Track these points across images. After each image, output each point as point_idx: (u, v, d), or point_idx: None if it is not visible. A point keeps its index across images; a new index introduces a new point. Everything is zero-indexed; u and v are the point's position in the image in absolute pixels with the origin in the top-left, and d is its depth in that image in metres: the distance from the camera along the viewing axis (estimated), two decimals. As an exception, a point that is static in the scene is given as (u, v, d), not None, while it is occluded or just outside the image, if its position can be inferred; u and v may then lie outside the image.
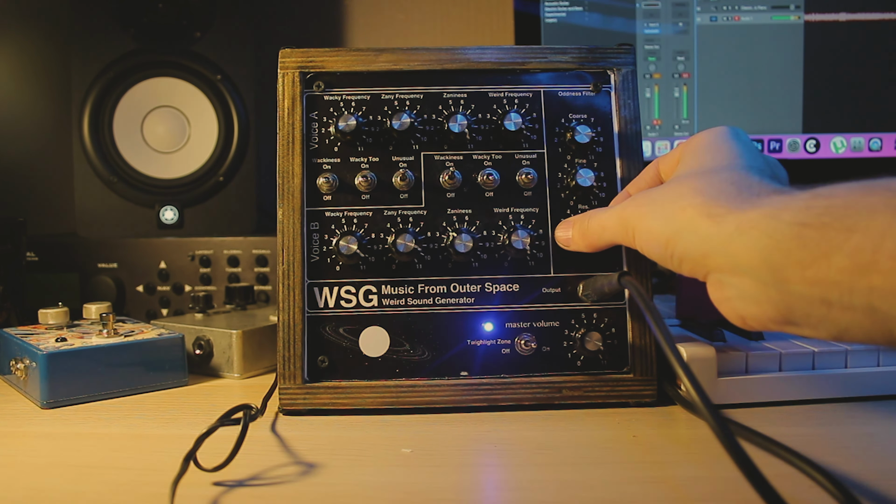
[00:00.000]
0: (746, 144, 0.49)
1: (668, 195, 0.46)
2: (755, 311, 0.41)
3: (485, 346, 0.56)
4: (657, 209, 0.46)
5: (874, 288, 0.34)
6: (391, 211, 0.58)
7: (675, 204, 0.45)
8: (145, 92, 0.90)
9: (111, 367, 0.61)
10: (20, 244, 0.78)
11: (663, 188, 0.47)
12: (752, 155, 0.47)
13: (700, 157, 0.48)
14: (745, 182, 0.43)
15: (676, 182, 0.47)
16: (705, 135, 0.50)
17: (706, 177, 0.45)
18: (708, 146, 0.49)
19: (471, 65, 0.59)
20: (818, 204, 0.37)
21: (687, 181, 0.46)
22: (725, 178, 0.44)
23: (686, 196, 0.44)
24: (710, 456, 0.46)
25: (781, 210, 0.39)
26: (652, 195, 0.48)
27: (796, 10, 0.86)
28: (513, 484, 0.43)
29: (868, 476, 0.42)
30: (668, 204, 0.45)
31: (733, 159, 0.46)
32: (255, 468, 0.45)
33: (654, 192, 0.48)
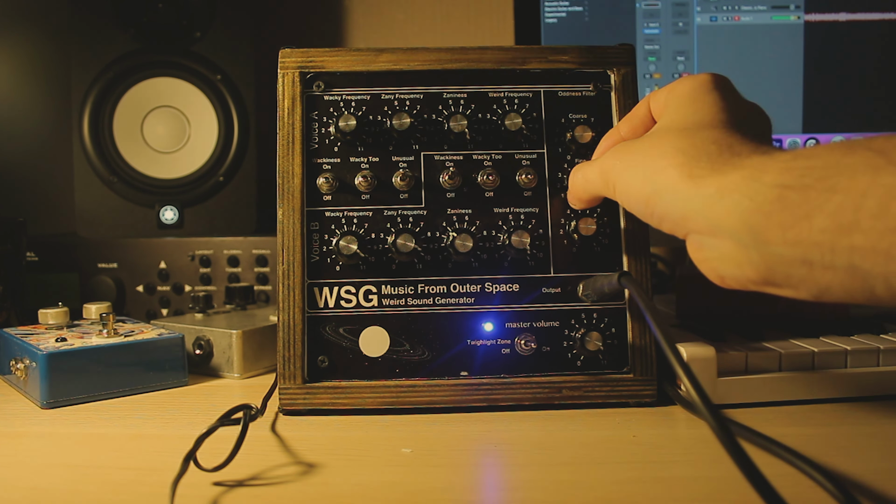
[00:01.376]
0: (731, 95, 0.48)
1: (650, 152, 0.45)
2: (735, 273, 0.41)
3: (485, 346, 0.56)
4: (638, 165, 0.46)
5: (855, 247, 0.34)
6: (391, 211, 0.58)
7: (656, 163, 0.44)
8: (145, 92, 0.90)
9: (111, 367, 0.61)
10: (20, 244, 0.78)
11: (644, 142, 0.47)
12: (735, 108, 0.47)
13: (684, 108, 0.48)
14: (726, 141, 0.43)
15: (658, 137, 0.46)
16: (691, 83, 0.49)
17: (688, 134, 0.45)
18: (692, 97, 0.48)
19: (471, 65, 0.59)
20: (799, 165, 0.37)
21: (668, 138, 0.45)
22: (707, 137, 0.44)
23: (667, 155, 0.44)
24: (710, 456, 0.46)
25: (762, 172, 0.39)
26: (633, 148, 0.47)
27: (796, 10, 0.86)
28: (513, 484, 0.43)
29: (868, 476, 0.42)
30: (649, 162, 0.45)
31: (717, 114, 0.46)
32: (255, 468, 0.45)
33: (635, 144, 0.48)
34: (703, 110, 0.47)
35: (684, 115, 0.47)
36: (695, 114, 0.47)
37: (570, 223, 0.57)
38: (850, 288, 0.36)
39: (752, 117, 0.48)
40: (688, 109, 0.47)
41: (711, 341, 0.59)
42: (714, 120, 0.46)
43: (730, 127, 0.45)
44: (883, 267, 0.34)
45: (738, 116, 0.46)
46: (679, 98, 0.49)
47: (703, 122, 0.46)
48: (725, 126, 0.45)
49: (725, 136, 0.44)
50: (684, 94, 0.49)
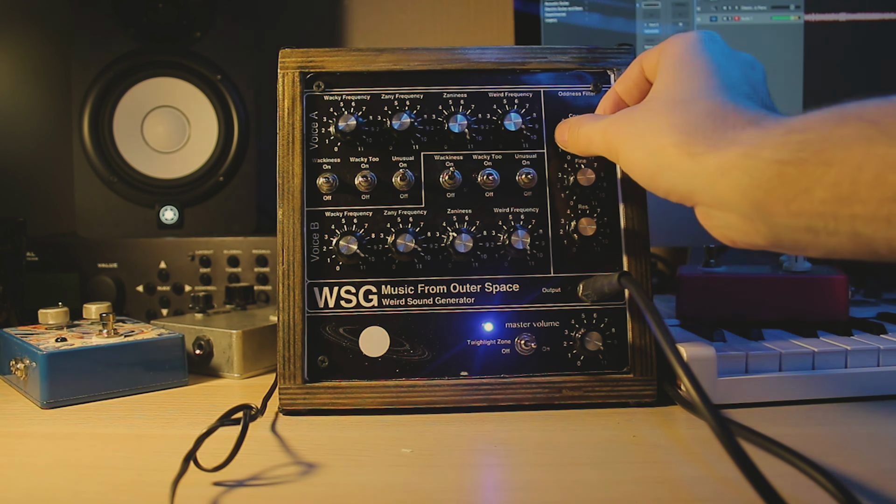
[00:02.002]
0: (720, 53, 0.48)
1: (650, 127, 0.47)
2: (745, 239, 0.44)
3: (485, 346, 0.56)
4: (639, 140, 0.47)
5: (857, 216, 0.35)
6: (391, 211, 0.58)
7: (656, 140, 0.46)
8: (145, 92, 0.90)
9: (111, 367, 0.61)
10: (20, 244, 0.78)
11: (643, 114, 0.48)
12: (726, 67, 0.47)
13: (676, 74, 0.48)
14: (720, 113, 0.44)
15: (655, 112, 0.47)
16: (680, 43, 0.49)
17: (683, 108, 0.46)
18: (683, 60, 0.48)
19: (471, 65, 0.59)
20: (794, 139, 0.38)
21: (665, 113, 0.46)
22: (702, 111, 0.45)
23: (665, 132, 0.45)
24: (710, 456, 0.46)
25: (759, 148, 0.39)
26: (634, 118, 0.49)
27: (796, 10, 0.86)
28: (513, 484, 0.43)
29: (868, 476, 0.42)
30: (650, 138, 0.46)
31: (708, 79, 0.46)
32: (255, 468, 0.45)
33: (635, 115, 0.49)
34: (695, 76, 0.47)
35: (677, 82, 0.48)
36: (686, 80, 0.47)
37: (570, 223, 0.57)
38: (855, 250, 0.37)
39: (744, 73, 0.48)
40: (679, 74, 0.48)
41: (711, 341, 0.59)
42: (706, 86, 0.46)
43: (723, 93, 0.45)
44: (885, 232, 0.35)
45: (730, 78, 0.47)
46: (670, 60, 0.49)
47: (696, 92, 0.46)
48: (718, 93, 0.45)
49: (719, 106, 0.44)
50: (675, 57, 0.49)
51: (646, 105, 0.49)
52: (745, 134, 0.41)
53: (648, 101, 0.49)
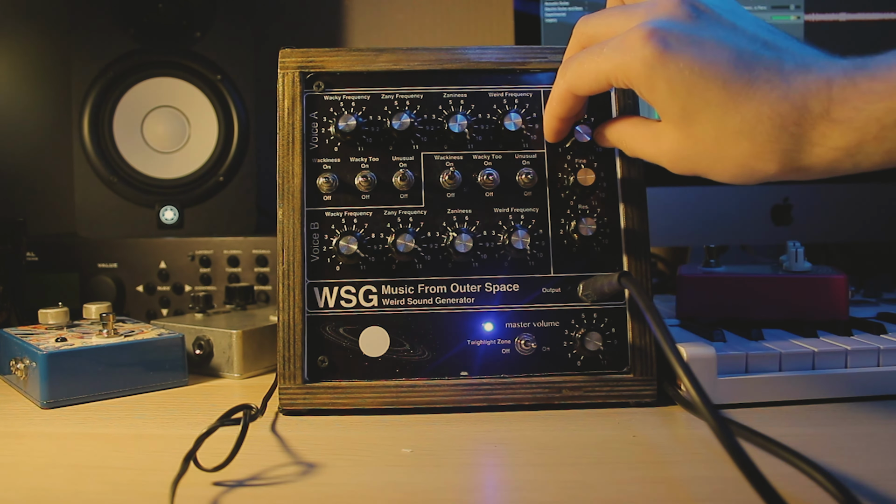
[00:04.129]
0: (696, 38, 0.44)
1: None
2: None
3: (485, 346, 0.56)
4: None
5: None
6: (391, 211, 0.58)
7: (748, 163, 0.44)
8: (145, 92, 0.90)
9: (111, 367, 0.61)
10: (20, 244, 0.78)
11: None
12: (718, 48, 0.43)
13: (676, 109, 0.44)
14: (780, 121, 0.42)
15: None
16: (639, 68, 0.44)
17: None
18: (665, 94, 0.44)
19: (471, 65, 0.59)
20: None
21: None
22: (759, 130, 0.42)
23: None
24: (710, 456, 0.46)
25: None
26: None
27: (796, 10, 0.86)
28: (513, 484, 0.43)
29: (868, 476, 0.42)
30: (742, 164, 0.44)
31: (719, 105, 0.43)
32: (255, 468, 0.45)
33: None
34: (701, 112, 0.44)
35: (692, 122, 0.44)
36: (697, 118, 0.44)
37: (570, 223, 0.57)
38: None
39: (736, 29, 0.45)
40: (682, 111, 0.44)
41: (711, 341, 0.59)
42: (722, 115, 0.43)
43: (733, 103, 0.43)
44: None
45: (735, 79, 0.43)
46: (652, 95, 0.45)
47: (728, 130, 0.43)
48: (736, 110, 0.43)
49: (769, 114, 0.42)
50: (653, 91, 0.45)
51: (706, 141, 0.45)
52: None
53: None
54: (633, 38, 0.44)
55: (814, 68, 0.42)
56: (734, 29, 0.45)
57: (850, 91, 0.40)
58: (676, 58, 0.43)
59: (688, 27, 0.44)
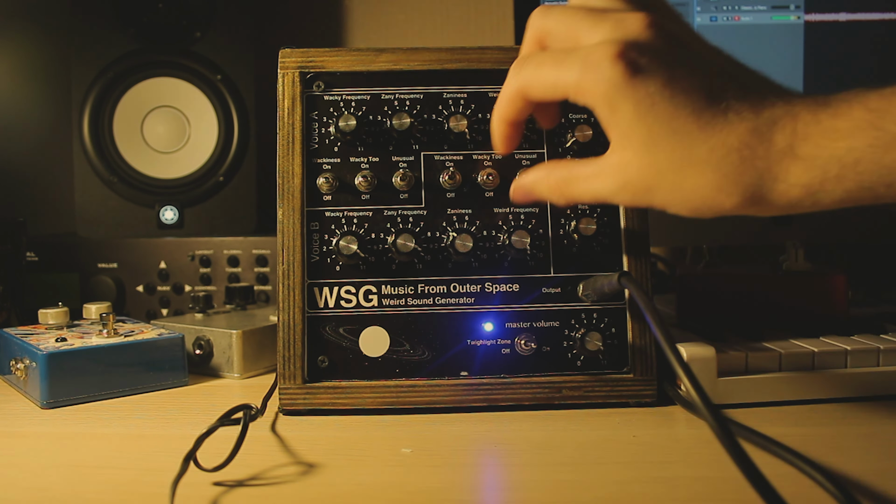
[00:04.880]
0: (665, 85, 0.42)
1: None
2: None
3: (485, 346, 0.56)
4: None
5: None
6: (391, 211, 0.58)
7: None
8: (145, 92, 0.90)
9: (111, 367, 0.61)
10: (20, 244, 0.78)
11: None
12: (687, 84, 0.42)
13: (636, 143, 0.43)
14: (750, 149, 0.41)
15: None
16: (603, 94, 0.42)
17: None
18: (629, 124, 0.42)
19: (471, 65, 0.59)
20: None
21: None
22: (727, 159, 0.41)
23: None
24: (710, 456, 0.46)
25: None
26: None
27: (796, 10, 0.86)
28: (513, 484, 0.43)
29: (868, 476, 0.42)
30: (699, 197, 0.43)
31: (680, 130, 0.42)
32: (255, 468, 0.45)
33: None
34: (666, 140, 0.42)
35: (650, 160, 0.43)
36: (660, 151, 0.42)
37: (570, 223, 0.57)
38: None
39: (702, 65, 0.43)
40: (643, 144, 0.42)
41: (711, 341, 0.59)
42: (691, 142, 0.41)
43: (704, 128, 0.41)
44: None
45: (701, 111, 0.41)
46: (614, 117, 0.43)
47: (691, 159, 0.42)
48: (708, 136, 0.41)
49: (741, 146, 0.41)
50: (616, 113, 0.43)
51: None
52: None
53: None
54: (600, 55, 0.42)
55: (779, 102, 0.41)
56: (702, 58, 0.44)
57: (814, 128, 0.40)
58: (646, 81, 0.42)
59: (658, 51, 0.42)
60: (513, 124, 0.50)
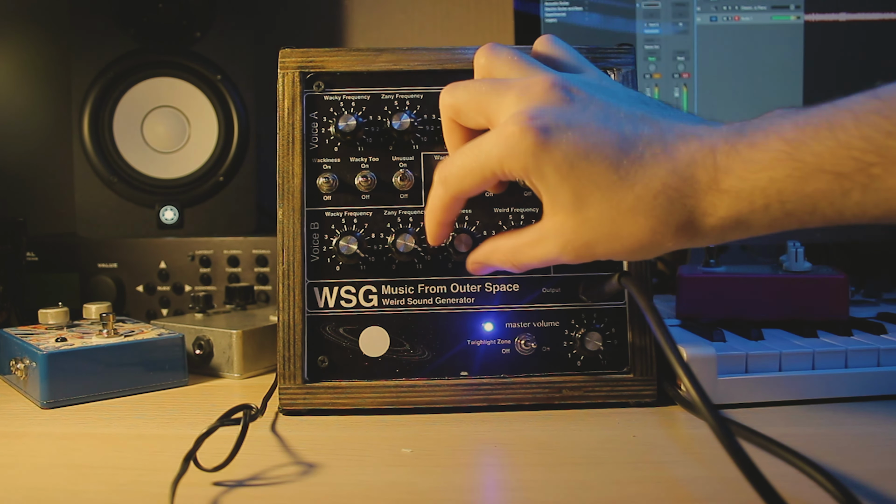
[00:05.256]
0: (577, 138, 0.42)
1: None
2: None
3: (485, 346, 0.56)
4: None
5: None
6: (391, 211, 0.58)
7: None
8: (145, 92, 0.90)
9: (111, 367, 0.61)
10: (20, 244, 0.78)
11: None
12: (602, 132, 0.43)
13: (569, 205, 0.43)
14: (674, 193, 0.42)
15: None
16: (520, 156, 0.43)
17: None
18: (554, 182, 0.43)
19: (471, 65, 0.59)
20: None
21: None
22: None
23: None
24: (710, 456, 0.46)
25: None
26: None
27: (796, 10, 0.86)
28: (513, 484, 0.43)
29: (868, 476, 0.42)
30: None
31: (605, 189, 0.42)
32: (255, 468, 0.45)
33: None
34: (591, 200, 0.43)
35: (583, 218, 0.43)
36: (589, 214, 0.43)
37: (570, 223, 0.57)
38: None
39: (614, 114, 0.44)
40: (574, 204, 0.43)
41: (711, 341, 0.59)
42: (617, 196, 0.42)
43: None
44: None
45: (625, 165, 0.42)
46: (543, 183, 0.43)
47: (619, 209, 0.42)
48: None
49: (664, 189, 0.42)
50: (543, 179, 0.43)
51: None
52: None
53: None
54: (511, 131, 0.43)
55: (694, 138, 0.42)
56: (609, 108, 0.44)
57: (734, 159, 0.40)
58: (559, 144, 0.42)
59: (563, 112, 0.43)
60: (449, 224, 0.51)
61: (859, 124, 0.37)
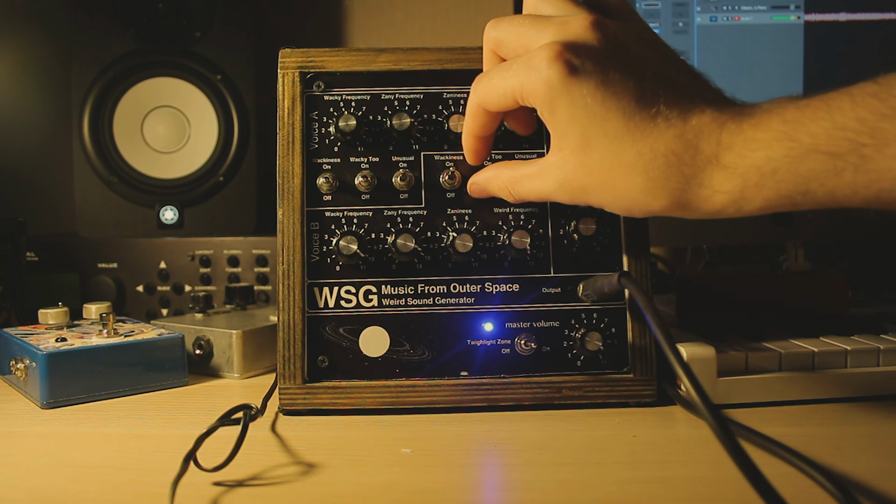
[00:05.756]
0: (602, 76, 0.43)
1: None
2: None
3: (485, 346, 0.56)
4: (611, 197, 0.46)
5: None
6: (391, 211, 0.58)
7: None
8: (145, 92, 0.90)
9: (111, 367, 0.61)
10: (20, 244, 0.78)
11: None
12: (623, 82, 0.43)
13: (574, 143, 0.44)
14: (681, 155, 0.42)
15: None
16: (544, 91, 0.44)
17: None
18: (566, 121, 0.44)
19: (471, 65, 0.59)
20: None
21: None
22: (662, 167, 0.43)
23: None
24: (710, 456, 0.46)
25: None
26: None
27: (796, 10, 0.86)
28: (513, 484, 0.43)
29: (868, 476, 0.42)
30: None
31: (618, 128, 0.43)
32: (255, 468, 0.45)
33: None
34: (599, 137, 0.43)
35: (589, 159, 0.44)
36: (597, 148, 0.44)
37: (570, 223, 0.57)
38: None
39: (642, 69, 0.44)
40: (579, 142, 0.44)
41: (711, 341, 0.59)
42: (629, 139, 0.43)
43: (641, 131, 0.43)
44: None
45: (642, 109, 0.43)
46: (552, 118, 0.45)
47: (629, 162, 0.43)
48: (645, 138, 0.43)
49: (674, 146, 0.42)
50: (553, 113, 0.44)
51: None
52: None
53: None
54: (540, 58, 0.44)
55: (709, 110, 0.42)
56: (640, 60, 0.44)
57: (737, 137, 0.41)
58: (580, 83, 0.43)
59: (596, 52, 0.43)
60: (480, 138, 0.53)
61: (855, 106, 0.37)
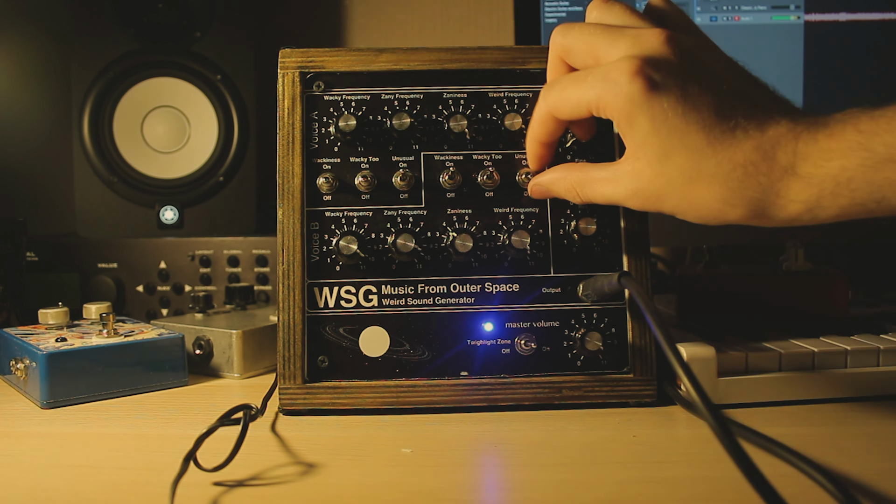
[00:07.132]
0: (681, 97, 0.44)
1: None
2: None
3: (485, 346, 0.56)
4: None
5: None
6: (391, 211, 0.58)
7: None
8: (145, 92, 0.90)
9: (111, 367, 0.61)
10: (20, 244, 0.78)
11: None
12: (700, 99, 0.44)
13: (652, 156, 0.45)
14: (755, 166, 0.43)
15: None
16: (623, 105, 0.45)
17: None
18: (644, 136, 0.45)
19: (471, 65, 0.59)
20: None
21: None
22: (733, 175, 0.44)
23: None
24: (710, 456, 0.46)
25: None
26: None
27: (796, 10, 0.86)
28: (513, 484, 0.43)
29: (868, 476, 0.42)
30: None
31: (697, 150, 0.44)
32: (255, 468, 0.45)
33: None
34: (680, 155, 0.44)
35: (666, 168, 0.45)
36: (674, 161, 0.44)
37: (570, 223, 0.57)
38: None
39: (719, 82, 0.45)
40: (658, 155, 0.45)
41: (711, 341, 0.58)
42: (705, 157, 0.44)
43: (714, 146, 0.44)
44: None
45: (719, 125, 0.44)
46: (631, 130, 0.45)
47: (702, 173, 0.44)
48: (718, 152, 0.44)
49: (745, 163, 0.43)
50: (633, 126, 0.45)
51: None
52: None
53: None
54: (620, 71, 0.44)
55: (784, 121, 0.43)
56: (715, 74, 0.45)
57: (812, 147, 0.42)
58: (661, 98, 0.44)
59: (673, 67, 0.44)
60: (545, 144, 0.54)
61: None
